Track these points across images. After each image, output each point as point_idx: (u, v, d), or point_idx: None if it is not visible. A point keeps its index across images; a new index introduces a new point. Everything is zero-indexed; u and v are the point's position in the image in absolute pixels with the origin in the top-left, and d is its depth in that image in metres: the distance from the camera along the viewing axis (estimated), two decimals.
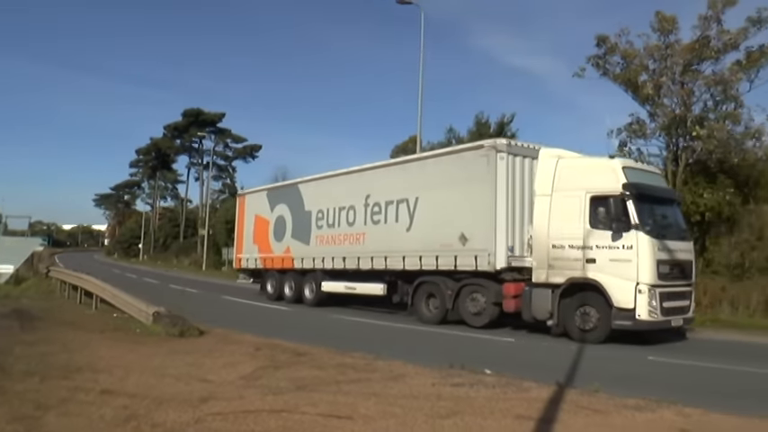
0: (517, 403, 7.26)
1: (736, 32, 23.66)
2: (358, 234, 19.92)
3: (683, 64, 24.38)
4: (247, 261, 25.67)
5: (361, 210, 19.84)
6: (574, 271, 14.14)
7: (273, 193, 25.04)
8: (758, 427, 6.70)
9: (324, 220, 21.49)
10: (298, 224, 22.69)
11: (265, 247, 24.41)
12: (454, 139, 33.59)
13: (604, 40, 25.59)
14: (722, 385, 10.10)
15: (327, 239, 21.23)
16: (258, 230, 24.98)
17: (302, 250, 22.26)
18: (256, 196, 26.17)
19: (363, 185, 19.95)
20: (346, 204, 20.46)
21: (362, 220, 19.77)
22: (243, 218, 26.65)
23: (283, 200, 23.86)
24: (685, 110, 24.43)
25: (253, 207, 25.92)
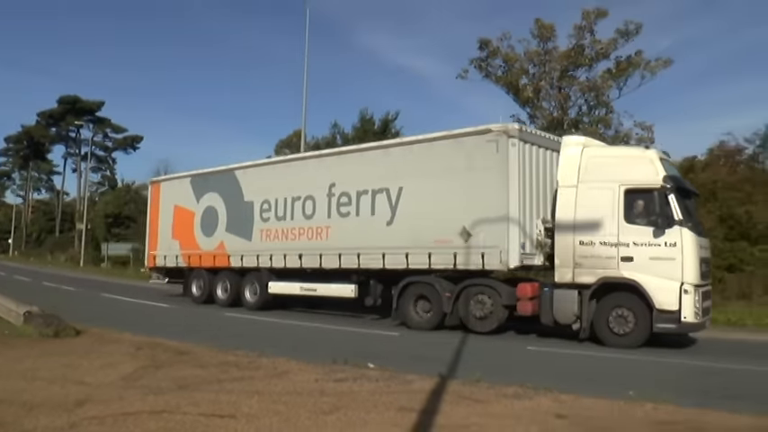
0: (400, 396, 7.37)
1: (607, 43, 25.30)
2: (319, 228, 17.68)
3: (560, 70, 25.74)
4: (164, 259, 22.43)
5: (323, 200, 17.61)
6: (606, 270, 12.96)
7: (200, 180, 21.90)
8: (624, 408, 7.16)
9: (271, 212, 19.05)
10: (235, 216, 20.11)
11: (189, 242, 21.55)
12: (339, 134, 33.85)
13: (487, 44, 26.54)
14: (595, 372, 10.78)
15: (276, 234, 18.80)
16: (179, 223, 22.04)
17: (241, 246, 19.70)
18: (176, 184, 23.06)
19: (325, 173, 17.70)
20: (302, 194, 18.16)
21: (325, 213, 17.54)
22: (157, 209, 23.28)
23: (214, 188, 21.06)
24: (562, 113, 25.80)
25: (171, 196, 22.75)
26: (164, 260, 22.54)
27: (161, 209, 23.13)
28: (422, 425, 6.17)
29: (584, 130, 24.72)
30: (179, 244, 22.00)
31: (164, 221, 22.77)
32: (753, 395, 8.79)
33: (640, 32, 25.11)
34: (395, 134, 32.82)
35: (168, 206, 22.72)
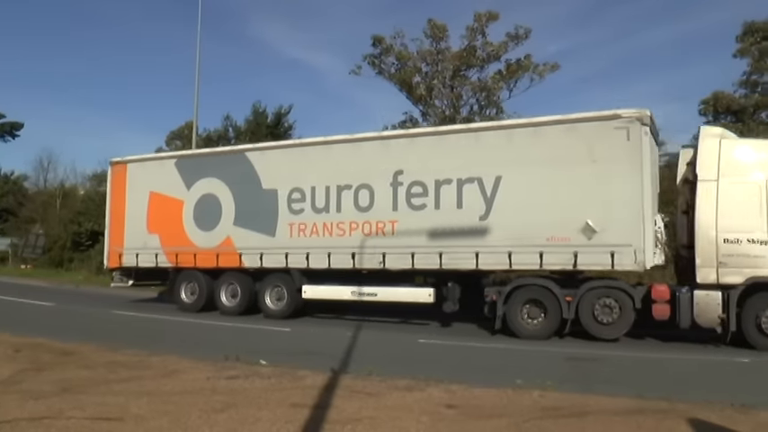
0: (292, 392, 7.35)
1: (498, 45, 26.12)
2: (381, 222, 15.10)
3: (452, 69, 26.34)
4: (136, 257, 18.45)
5: (385, 190, 15.09)
6: (757, 269, 12.12)
7: (190, 162, 18.45)
8: (512, 397, 7.43)
9: (305, 203, 16.10)
10: (247, 207, 16.92)
11: (176, 237, 17.87)
12: (231, 127, 33.33)
13: (380, 41, 26.80)
14: (485, 362, 11.14)
15: (315, 229, 15.93)
16: (158, 214, 18.25)
17: (259, 242, 16.58)
18: (152, 166, 19.18)
19: (388, 158, 15.22)
20: (354, 183, 15.51)
21: (389, 204, 15.02)
22: (122, 196, 19.10)
23: (213, 173, 17.61)
24: (454, 112, 26.41)
25: (144, 181, 18.72)
26: (135, 259, 18.49)
27: (129, 196, 18.95)
28: (314, 420, 6.16)
29: None
30: (159, 239, 18.20)
31: (133, 211, 18.67)
32: (627, 378, 9.43)
33: (529, 37, 26.13)
34: (288, 128, 32.58)
35: (140, 193, 18.63)
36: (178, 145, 42.14)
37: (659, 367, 10.92)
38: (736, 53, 28.21)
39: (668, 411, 6.80)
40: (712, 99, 28.19)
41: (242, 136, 31.92)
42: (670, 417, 6.56)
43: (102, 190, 39.77)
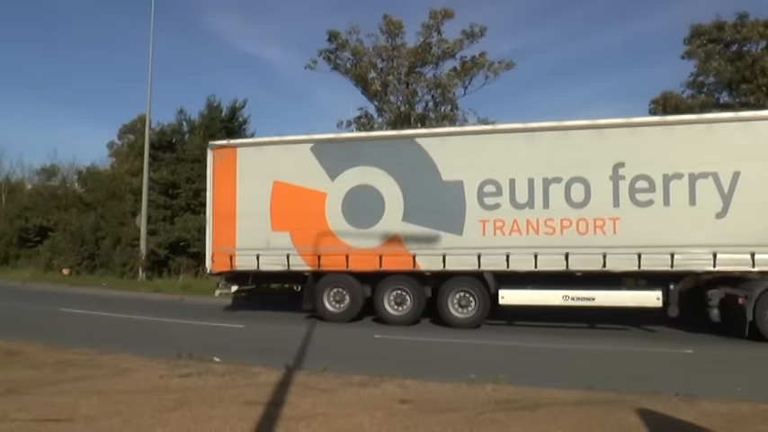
0: (246, 389, 7.31)
1: (453, 43, 26.31)
2: (599, 220, 13.79)
3: (407, 66, 26.42)
4: (257, 259, 15.55)
5: (603, 184, 13.76)
6: None
7: (335, 148, 15.77)
8: (466, 391, 7.52)
9: (502, 197, 14.36)
10: (422, 201, 14.76)
11: (314, 235, 15.33)
12: (185, 121, 32.85)
13: (336, 36, 26.72)
14: (439, 357, 11.22)
15: (514, 227, 14.27)
16: (286, 207, 15.56)
17: (440, 241, 14.62)
18: (273, 152, 16.12)
19: (607, 149, 13.87)
20: (565, 175, 14.01)
21: (609, 200, 13.70)
22: (231, 186, 16.06)
23: (371, 161, 15.23)
24: (409, 108, 26.52)
25: (263, 169, 15.88)
26: (255, 261, 15.60)
27: (241, 186, 16.01)
28: (268, 417, 6.14)
29: (429, 125, 25.61)
30: (290, 238, 15.51)
31: (249, 205, 15.81)
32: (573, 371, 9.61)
33: (485, 35, 26.42)
34: (242, 123, 32.28)
35: (259, 183, 15.80)
36: (131, 139, 41.32)
37: (611, 360, 11.18)
38: (684, 55, 28.98)
39: (617, 402, 7.00)
40: (662, 99, 28.91)
41: (196, 130, 31.48)
42: (619, 407, 6.74)
43: (51, 185, 38.86)
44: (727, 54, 28.59)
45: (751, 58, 27.09)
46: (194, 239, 27.55)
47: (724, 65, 27.96)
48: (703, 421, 6.31)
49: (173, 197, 29.52)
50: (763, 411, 6.78)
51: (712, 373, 10.07)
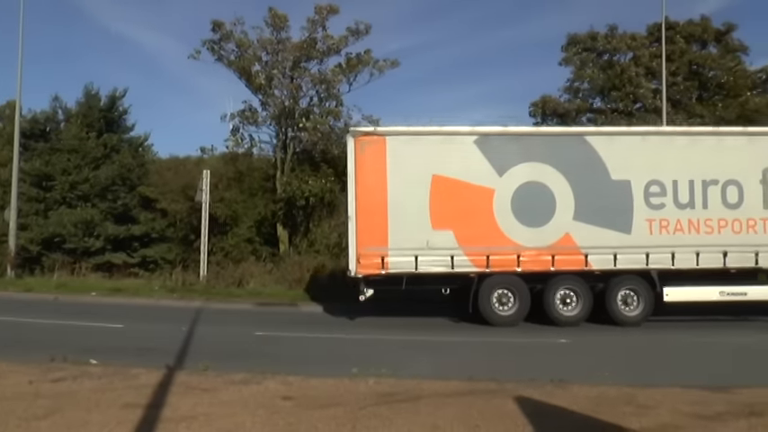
0: (125, 392, 7.07)
1: (339, 39, 26.35)
2: (751, 220, 14.74)
3: (292, 60, 26.21)
4: (415, 261, 14.31)
5: (754, 187, 14.79)
6: None
7: (503, 142, 14.96)
8: (348, 385, 7.60)
9: (666, 197, 14.77)
10: (592, 199, 14.68)
11: (482, 234, 14.46)
12: (61, 108, 31.19)
13: (220, 26, 26.12)
14: (321, 353, 11.32)
15: (678, 226, 14.73)
16: (448, 204, 14.48)
17: (610, 240, 14.56)
18: (430, 143, 14.91)
19: (756, 155, 14.86)
20: (721, 178, 14.77)
21: (759, 202, 14.78)
22: (381, 179, 14.62)
23: (538, 157, 14.82)
24: (294, 102, 26.33)
25: (419, 161, 14.63)
26: (412, 262, 14.33)
27: (392, 179, 14.59)
28: (147, 420, 5.99)
29: (314, 121, 25.60)
30: (453, 236, 14.45)
31: (402, 200, 14.47)
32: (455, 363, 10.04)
33: (370, 33, 26.53)
34: (123, 112, 31.04)
35: (414, 176, 14.56)
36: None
37: (494, 350, 11.70)
38: (562, 62, 30.56)
39: (497, 391, 7.33)
40: (541, 102, 30.35)
41: (72, 119, 29.96)
42: (498, 396, 7.07)
43: None
44: (599, 63, 30.46)
45: (620, 68, 28.98)
46: (71, 235, 26.27)
47: (597, 72, 29.77)
48: (574, 405, 6.72)
49: (47, 189, 27.99)
50: (626, 394, 7.31)
51: (586, 360, 10.73)
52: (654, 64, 28.22)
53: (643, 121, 27.34)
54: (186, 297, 19.94)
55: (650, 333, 13.80)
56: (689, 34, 30.47)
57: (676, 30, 30.05)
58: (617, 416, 6.32)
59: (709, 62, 30.40)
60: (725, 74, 29.98)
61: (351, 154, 14.84)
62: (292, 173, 25.97)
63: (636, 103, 29.04)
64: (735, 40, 31.00)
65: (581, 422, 6.20)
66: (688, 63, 30.03)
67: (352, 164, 14.77)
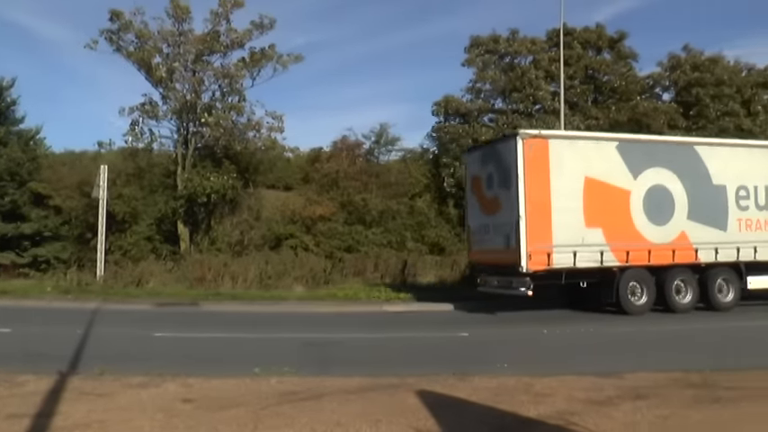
0: (10, 401, 6.65)
1: (242, 33, 25.95)
2: None
3: (195, 53, 25.60)
4: (573, 256, 15.40)
5: None
6: None
7: (636, 148, 16.73)
8: (250, 385, 7.50)
9: (750, 200, 17.36)
10: (699, 201, 16.71)
11: (622, 231, 15.96)
12: None
13: (119, 16, 25.19)
14: (223, 353, 11.08)
15: (756, 224, 17.33)
16: (597, 203, 15.78)
17: (712, 237, 16.72)
18: (584, 147, 16.33)
19: None
20: None
21: None
22: (545, 179, 15.48)
23: (661, 162, 16.57)
24: (196, 97, 25.72)
25: (575, 163, 15.77)
26: (571, 258, 15.37)
27: (554, 180, 15.53)
28: (35, 431, 5.67)
29: (217, 116, 25.08)
30: (602, 234, 15.76)
31: (559, 199, 15.48)
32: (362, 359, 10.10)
33: (274, 27, 26.27)
34: (11, 103, 29.32)
35: (571, 177, 15.67)
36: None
37: (392, 346, 11.80)
38: (465, 63, 31.15)
39: (399, 386, 7.40)
40: (443, 102, 30.84)
41: None
42: (400, 390, 7.15)
43: None
44: (501, 65, 31.27)
45: (521, 70, 29.86)
46: None
47: (498, 74, 30.56)
48: (474, 396, 6.91)
49: None
50: (524, 384, 7.59)
51: (485, 351, 11.01)
52: (552, 68, 29.23)
53: (542, 122, 28.31)
54: (81, 298, 19.10)
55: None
56: (585, 41, 31.82)
57: (574, 36, 31.29)
58: (515, 405, 6.53)
59: (604, 68, 31.87)
60: (618, 79, 31.47)
61: (519, 154, 15.27)
62: (194, 169, 25.40)
63: (536, 104, 30.02)
64: (626, 47, 32.64)
65: (480, 412, 6.36)
66: (584, 68, 31.33)
67: (522, 163, 15.23)
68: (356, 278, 22.40)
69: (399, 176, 30.14)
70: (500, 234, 15.86)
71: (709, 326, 14.63)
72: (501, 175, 15.96)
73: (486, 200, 16.66)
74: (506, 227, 15.55)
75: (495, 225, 16.14)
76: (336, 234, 25.11)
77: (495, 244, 16.12)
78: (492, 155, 16.58)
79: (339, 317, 16.45)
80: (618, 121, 28.93)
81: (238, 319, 15.92)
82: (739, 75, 32.86)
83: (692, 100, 31.05)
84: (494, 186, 16.26)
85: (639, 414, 6.24)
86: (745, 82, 32.31)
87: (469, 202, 17.81)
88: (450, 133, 29.93)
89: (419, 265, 22.94)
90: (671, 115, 29.62)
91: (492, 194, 16.38)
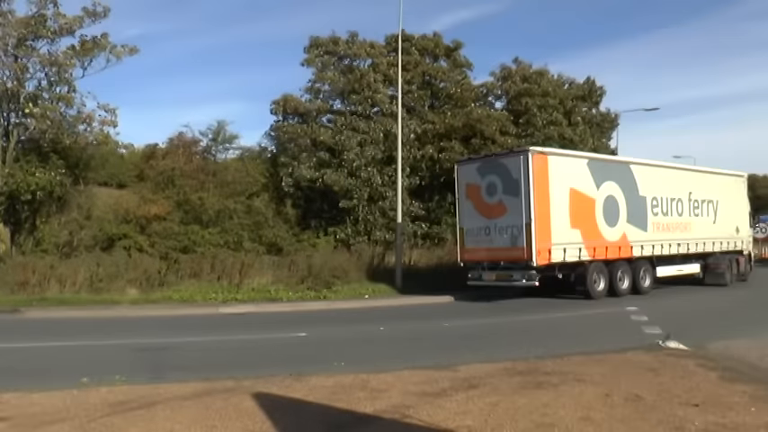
0: None
1: (73, 19, 24.43)
2: (685, 223, 23.14)
3: (17, 37, 23.77)
4: (563, 252, 18.94)
5: (686, 203, 23.35)
6: None
7: (597, 165, 20.79)
8: (77, 397, 7.10)
9: (659, 208, 22.23)
10: (632, 208, 21.22)
11: (591, 232, 19.85)
12: None
13: None
14: (47, 364, 10.38)
15: (662, 227, 22.20)
16: (576, 210, 19.38)
17: (639, 236, 21.34)
18: (568, 162, 19.94)
19: (686, 183, 23.61)
20: (675, 196, 22.88)
21: (688, 212, 23.37)
22: (547, 188, 18.70)
23: (612, 177, 20.75)
24: (18, 85, 23.91)
25: (563, 176, 19.23)
26: (562, 254, 18.92)
27: (552, 189, 18.82)
28: None
29: (43, 107, 23.52)
30: (580, 234, 19.51)
31: (558, 206, 18.97)
32: (197, 363, 9.91)
33: (108, 16, 24.88)
34: None
35: (563, 188, 19.20)
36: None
37: (229, 349, 11.76)
38: (304, 62, 31.31)
39: (235, 389, 7.40)
40: (282, 101, 30.83)
41: None
42: (236, 394, 7.14)
43: None
44: (340, 66, 31.75)
45: (359, 73, 30.50)
46: None
47: (338, 76, 30.99)
48: (311, 396, 7.06)
49: None
50: (360, 380, 7.83)
51: (323, 351, 11.23)
52: (391, 72, 30.13)
53: (381, 124, 29.15)
54: None
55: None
56: (423, 48, 33.07)
57: (412, 42, 32.44)
58: (352, 402, 6.76)
59: (440, 74, 33.29)
60: (453, 86, 33.03)
61: (530, 167, 18.28)
62: (16, 164, 23.57)
63: (374, 107, 30.76)
64: (462, 56, 34.33)
65: (317, 411, 6.50)
66: (422, 74, 32.57)
67: (531, 176, 18.23)
68: (192, 280, 21.86)
69: (237, 175, 29.77)
70: (505, 234, 18.79)
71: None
72: (507, 184, 18.77)
73: (487, 205, 19.38)
74: (513, 228, 18.51)
75: (498, 227, 18.96)
76: (172, 234, 24.32)
77: (498, 243, 18.98)
78: (495, 166, 19.41)
79: (174, 320, 16.06)
80: (453, 127, 30.39)
81: (66, 325, 15.02)
82: (562, 87, 35.70)
83: (521, 109, 33.20)
84: (497, 193, 19.06)
85: (471, 403, 6.65)
86: (566, 94, 35.15)
87: (463, 207, 20.27)
88: (289, 133, 30.02)
89: (257, 265, 22.82)
90: (502, 122, 31.47)
91: (494, 201, 19.11)
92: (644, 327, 13.14)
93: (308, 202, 29.92)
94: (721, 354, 9.78)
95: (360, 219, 28.66)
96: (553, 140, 31.17)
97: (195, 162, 30.28)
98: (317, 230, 28.72)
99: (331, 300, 19.50)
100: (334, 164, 28.80)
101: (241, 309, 17.99)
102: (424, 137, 30.62)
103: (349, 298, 19.90)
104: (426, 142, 30.62)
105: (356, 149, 28.65)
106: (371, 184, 28.53)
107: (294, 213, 28.67)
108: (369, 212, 28.73)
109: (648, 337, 11.64)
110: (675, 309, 18.02)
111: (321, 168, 28.53)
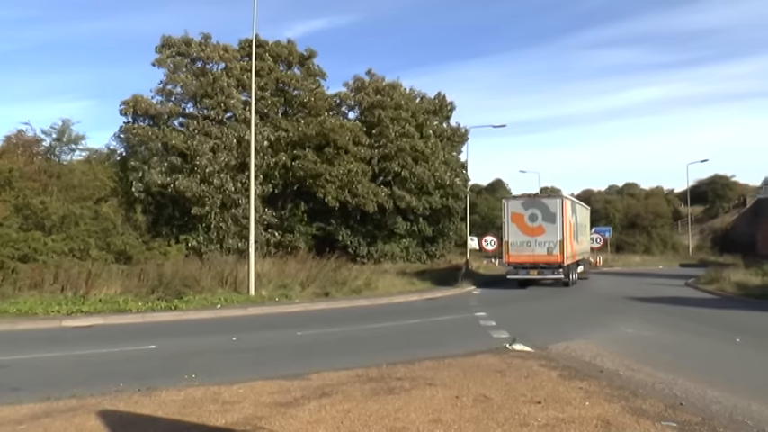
0: None
1: None
2: (580, 239, 34.42)
3: None
4: (572, 258, 29.90)
5: (584, 228, 37.10)
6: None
7: (574, 204, 32.25)
8: None
9: (576, 230, 31.65)
10: (576, 230, 31.58)
11: (574, 245, 30.37)
12: None
13: None
14: None
15: (578, 242, 32.28)
16: (572, 232, 29.82)
17: (577, 248, 31.56)
18: (570, 203, 30.43)
19: (582, 214, 35.53)
20: (583, 223, 36.54)
21: (569, 232, 29.79)
22: (567, 219, 28.36)
23: (573, 211, 30.85)
24: None
25: (569, 212, 29.17)
26: (572, 259, 29.68)
27: (567, 220, 28.38)
28: None
29: None
30: (574, 247, 30.81)
31: (569, 230, 28.63)
32: (36, 383, 9.26)
33: None
34: None
35: (570, 219, 29.43)
36: None
37: (71, 365, 11.14)
38: (155, 62, 30.56)
39: (78, 408, 7.09)
40: (132, 101, 29.91)
41: None
42: (80, 413, 6.83)
43: None
44: (193, 69, 31.31)
45: (212, 76, 30.24)
46: None
47: (190, 78, 30.54)
48: (161, 411, 6.92)
49: None
50: (212, 393, 7.79)
51: (173, 363, 11.05)
52: (244, 77, 30.11)
53: (234, 130, 29.10)
54: None
55: None
56: (277, 54, 33.31)
57: (266, 48, 32.59)
58: (203, 415, 6.72)
59: (294, 82, 33.66)
60: (307, 94, 33.48)
61: (561, 207, 27.37)
62: None
63: (227, 112, 30.60)
64: (315, 65, 34.92)
65: (167, 427, 6.40)
66: (275, 80, 32.78)
67: (562, 212, 27.23)
68: (33, 291, 20.57)
69: (84, 178, 28.33)
70: (543, 247, 26.84)
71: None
72: (546, 215, 26.90)
73: (529, 227, 27.09)
74: (550, 243, 26.77)
75: (538, 242, 26.85)
76: (10, 241, 22.72)
77: (538, 252, 26.89)
78: (536, 203, 27.35)
79: (11, 335, 15.08)
80: (307, 135, 30.85)
81: None
82: (414, 101, 37.20)
83: (374, 120, 34.28)
84: (537, 220, 26.95)
85: (324, 411, 6.81)
86: (418, 108, 36.68)
87: (510, 228, 27.44)
88: (140, 135, 29.21)
89: (104, 275, 22.02)
90: (356, 133, 32.36)
91: (536, 225, 27.02)
92: (492, 331, 14.16)
93: (158, 209, 29.24)
94: (561, 354, 10.83)
95: (212, 226, 28.42)
96: (405, 152, 32.46)
97: (37, 163, 28.60)
98: (168, 238, 28.03)
99: (182, 310, 19.17)
100: (186, 169, 28.37)
101: (87, 321, 17.29)
102: (277, 144, 30.85)
103: (201, 308, 19.68)
104: (280, 150, 30.88)
105: (209, 155, 28.41)
106: (224, 191, 28.41)
107: (144, 220, 27.89)
108: (221, 220, 28.56)
109: (496, 341, 12.56)
110: (520, 313, 19.29)
111: (173, 174, 28.00)
